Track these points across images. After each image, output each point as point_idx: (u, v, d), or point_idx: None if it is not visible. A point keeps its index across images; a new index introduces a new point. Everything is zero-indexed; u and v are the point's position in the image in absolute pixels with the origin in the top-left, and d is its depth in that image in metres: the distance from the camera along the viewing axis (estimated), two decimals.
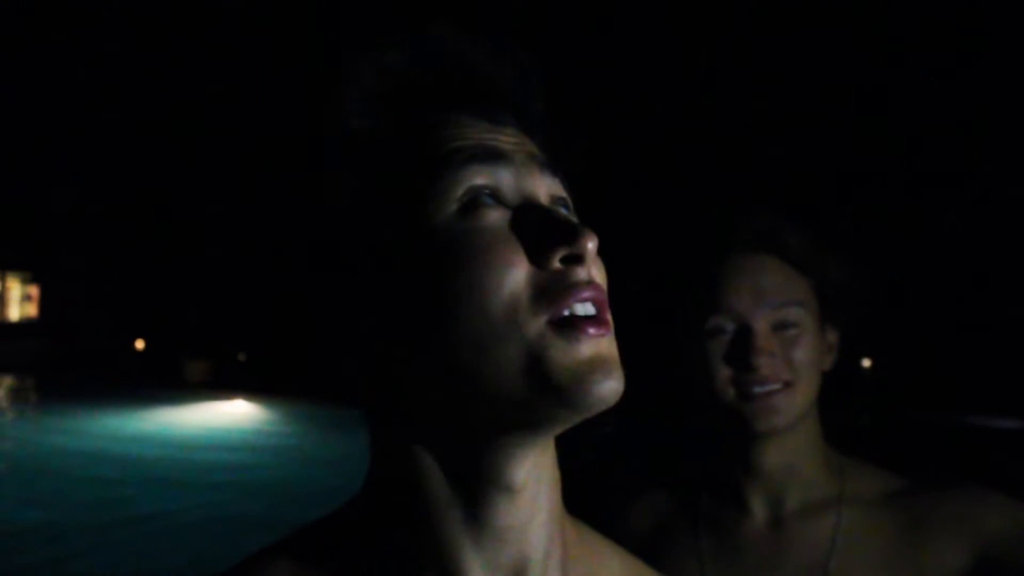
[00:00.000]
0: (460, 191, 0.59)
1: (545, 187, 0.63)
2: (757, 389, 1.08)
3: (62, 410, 13.20)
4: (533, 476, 0.61)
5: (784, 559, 1.11)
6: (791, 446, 1.13)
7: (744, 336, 1.10)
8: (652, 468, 1.38)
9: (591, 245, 0.58)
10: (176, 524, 6.80)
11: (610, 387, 0.56)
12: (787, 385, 1.09)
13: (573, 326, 0.56)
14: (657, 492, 1.25)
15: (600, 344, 0.57)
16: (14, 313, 26.28)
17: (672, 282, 1.19)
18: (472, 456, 0.60)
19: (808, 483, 1.14)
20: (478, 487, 0.60)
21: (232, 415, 13.27)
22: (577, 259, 0.58)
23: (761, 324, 1.10)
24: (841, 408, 1.18)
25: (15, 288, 26.33)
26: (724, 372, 1.10)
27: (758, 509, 1.15)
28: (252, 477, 8.68)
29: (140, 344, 21.42)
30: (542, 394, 0.55)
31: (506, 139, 0.63)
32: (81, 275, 24.52)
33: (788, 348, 1.10)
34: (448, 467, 0.60)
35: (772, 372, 1.08)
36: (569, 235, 0.58)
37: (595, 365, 0.56)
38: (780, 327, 1.10)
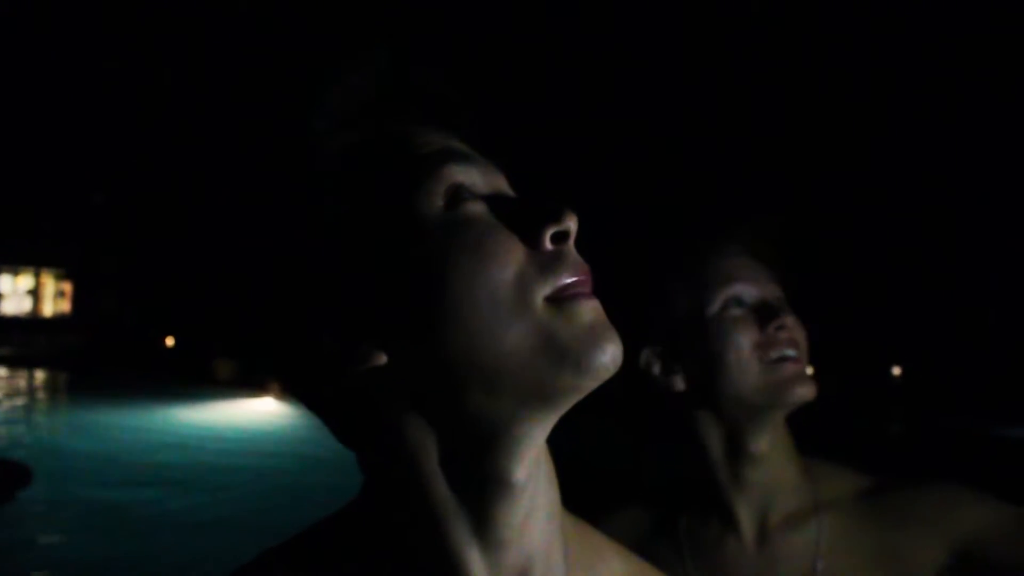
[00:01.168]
0: (443, 188, 0.62)
1: (506, 185, 0.68)
2: (788, 352, 1.08)
3: (92, 406, 13.32)
4: (533, 473, 0.62)
5: (771, 570, 1.10)
6: (778, 454, 1.12)
7: (763, 304, 1.09)
8: (630, 480, 1.35)
9: (574, 222, 0.62)
10: (204, 521, 6.84)
11: (615, 350, 0.59)
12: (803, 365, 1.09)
13: (571, 298, 0.59)
14: (636, 508, 1.22)
15: (598, 311, 0.60)
16: (48, 309, 26.67)
17: (668, 266, 1.16)
18: (473, 453, 0.60)
19: (789, 492, 1.12)
20: (480, 485, 0.61)
21: (261, 412, 13.34)
22: (565, 236, 0.62)
23: (775, 295, 1.11)
24: (871, 416, 1.15)
25: (49, 285, 26.72)
26: (747, 342, 1.08)
27: (746, 524, 1.12)
28: (279, 474, 8.72)
29: (170, 341, 21.63)
30: (556, 366, 0.58)
31: (461, 144, 0.68)
32: (113, 273, 24.83)
33: (798, 326, 1.11)
34: (449, 466, 0.61)
35: (795, 337, 1.08)
36: (556, 214, 0.61)
37: (598, 331, 0.59)
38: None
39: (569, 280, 0.60)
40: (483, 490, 0.61)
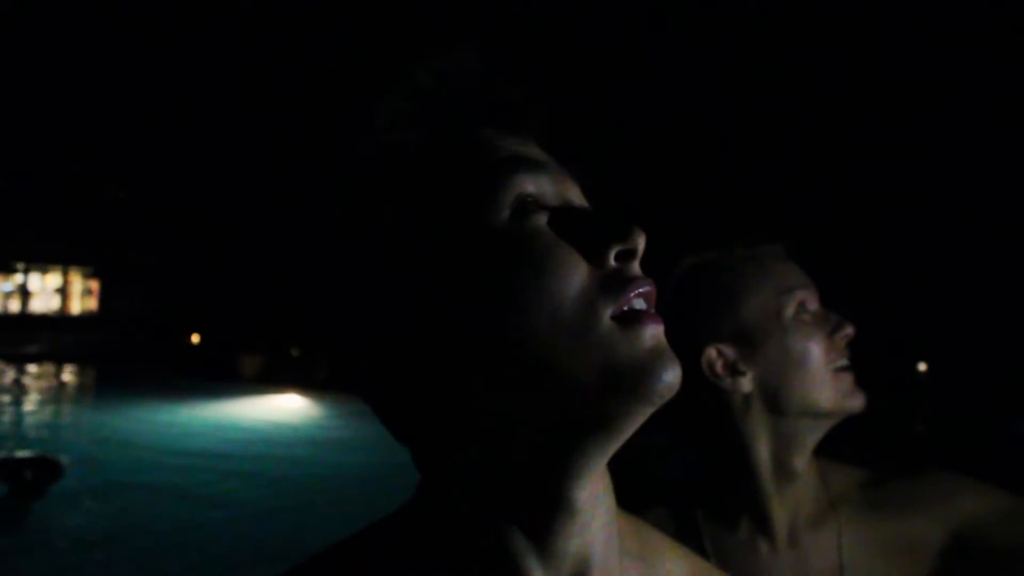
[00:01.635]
0: (511, 197, 0.60)
1: (577, 194, 0.66)
2: (847, 362, 1.09)
3: (119, 402, 13.45)
4: (592, 495, 0.61)
5: (802, 571, 1.10)
6: (808, 457, 1.12)
7: (825, 312, 1.11)
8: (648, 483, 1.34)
9: (642, 240, 0.60)
10: (234, 517, 6.89)
11: (674, 375, 0.57)
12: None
13: (635, 319, 0.58)
14: (656, 510, 1.20)
15: (659, 335, 0.58)
16: (76, 307, 26.98)
17: (737, 267, 1.15)
18: (531, 474, 0.59)
19: (811, 492, 1.13)
20: (539, 503, 0.60)
21: (285, 409, 13.42)
22: (631, 255, 0.60)
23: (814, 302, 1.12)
24: (898, 414, 1.15)
25: (77, 283, 27.03)
26: (820, 349, 1.09)
27: (781, 527, 1.12)
28: (306, 470, 8.78)
29: (196, 338, 21.79)
30: (615, 388, 0.56)
31: (535, 150, 0.66)
32: (140, 271, 25.05)
33: None
34: (507, 482, 0.60)
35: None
36: (623, 231, 0.60)
37: (656, 355, 0.57)
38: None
39: (634, 299, 0.58)
40: (542, 508, 0.60)
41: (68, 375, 18.62)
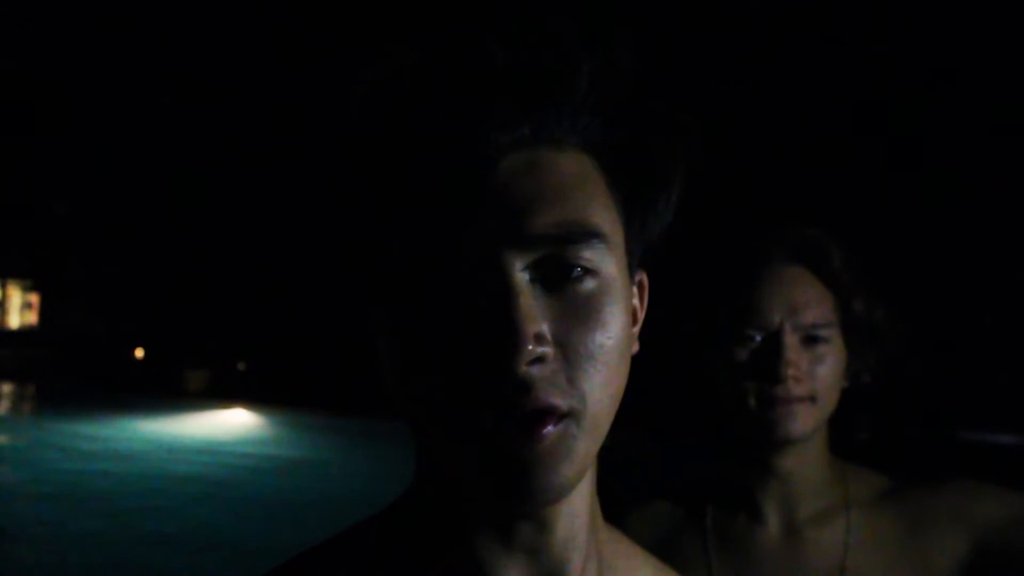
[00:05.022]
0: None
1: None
2: (781, 400, 1.08)
3: (60, 419, 13.13)
4: (566, 509, 0.60)
5: (798, 566, 1.12)
6: (805, 454, 1.14)
7: (773, 347, 1.09)
8: (651, 483, 1.38)
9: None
10: (173, 534, 6.77)
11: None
12: (811, 399, 1.09)
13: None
14: (662, 503, 1.24)
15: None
16: (14, 321, 26.25)
17: (705, 288, 1.18)
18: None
19: (818, 489, 1.15)
20: (506, 519, 0.59)
21: (231, 424, 13.21)
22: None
23: (791, 337, 1.09)
24: (839, 423, 1.18)
25: (16, 296, 26.31)
26: (749, 380, 1.10)
27: (772, 518, 1.15)
28: (249, 486, 8.65)
29: (139, 353, 21.37)
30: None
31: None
32: (81, 284, 24.50)
33: (815, 364, 1.10)
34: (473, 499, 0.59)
35: (797, 385, 1.08)
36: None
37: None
38: (809, 342, 1.11)
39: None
40: (510, 520, 0.59)
41: (6, 391, 18.10)
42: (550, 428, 0.53)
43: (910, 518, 1.12)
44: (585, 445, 0.55)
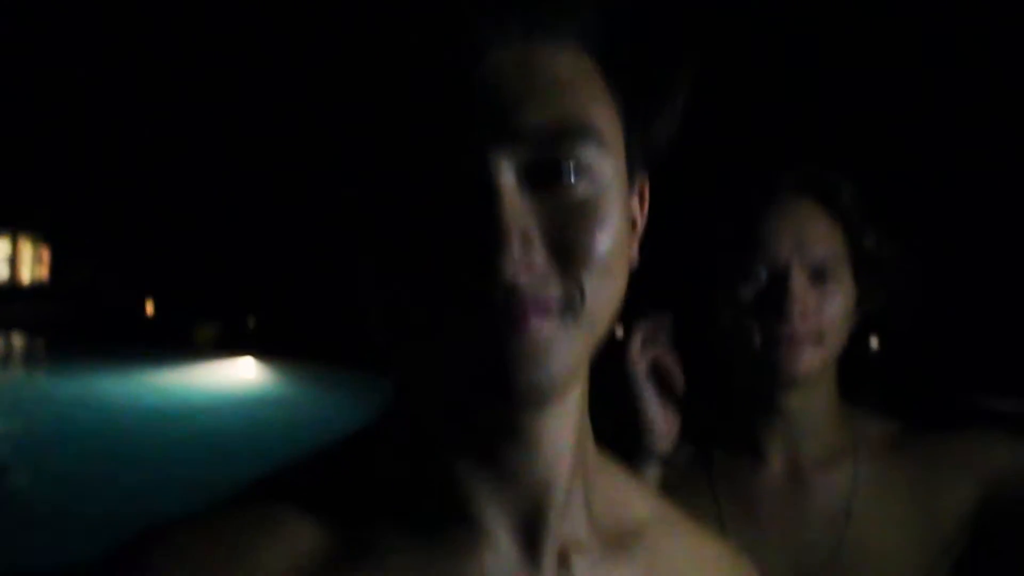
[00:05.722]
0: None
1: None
2: (787, 339, 1.05)
3: (71, 372, 13.34)
4: (546, 424, 0.55)
5: (804, 509, 1.11)
6: (811, 395, 1.11)
7: (780, 284, 1.06)
8: None
9: None
10: (185, 485, 6.84)
11: None
12: (818, 338, 1.06)
13: None
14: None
15: None
16: (25, 275, 26.49)
17: (709, 222, 1.14)
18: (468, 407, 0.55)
19: (824, 432, 1.13)
20: (486, 436, 0.55)
21: (241, 377, 13.39)
22: None
23: (799, 274, 1.06)
24: (847, 391, 1.17)
25: (26, 250, 26.52)
26: (754, 318, 1.07)
27: (776, 460, 1.13)
28: (259, 437, 8.73)
29: (150, 307, 21.60)
30: None
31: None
32: (92, 238, 24.67)
33: (823, 301, 1.07)
34: (451, 414, 0.56)
35: (804, 323, 1.05)
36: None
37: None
38: (818, 279, 1.07)
39: None
40: (488, 435, 0.55)
41: (17, 343, 18.36)
42: (539, 321, 0.49)
43: (918, 464, 1.11)
44: (578, 343, 0.52)
